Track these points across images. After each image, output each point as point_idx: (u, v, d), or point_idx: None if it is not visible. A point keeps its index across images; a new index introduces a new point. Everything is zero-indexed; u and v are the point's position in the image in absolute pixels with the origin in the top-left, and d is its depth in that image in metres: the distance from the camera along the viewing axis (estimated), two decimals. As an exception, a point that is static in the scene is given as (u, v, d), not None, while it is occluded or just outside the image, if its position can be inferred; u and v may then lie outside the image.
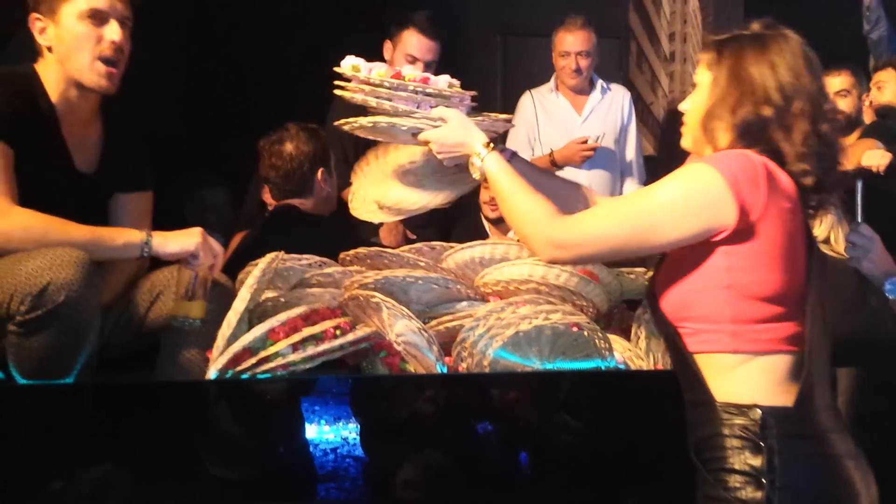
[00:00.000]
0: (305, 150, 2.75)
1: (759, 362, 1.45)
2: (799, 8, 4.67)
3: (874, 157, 3.26)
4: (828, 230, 2.33)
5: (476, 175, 1.64)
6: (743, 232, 1.43)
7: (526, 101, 3.91)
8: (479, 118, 1.76)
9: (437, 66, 3.31)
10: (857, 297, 2.16)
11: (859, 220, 2.02)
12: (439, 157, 1.73)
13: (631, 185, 3.94)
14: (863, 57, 4.50)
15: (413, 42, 3.30)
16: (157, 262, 2.06)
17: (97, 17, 1.94)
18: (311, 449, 1.84)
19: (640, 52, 5.31)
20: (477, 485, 1.88)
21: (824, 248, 2.31)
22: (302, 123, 2.85)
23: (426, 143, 1.72)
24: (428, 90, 1.73)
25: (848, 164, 3.37)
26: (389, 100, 1.73)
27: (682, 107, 1.66)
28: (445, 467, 1.90)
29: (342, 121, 1.83)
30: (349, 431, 1.87)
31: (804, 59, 1.53)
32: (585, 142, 3.67)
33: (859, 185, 2.02)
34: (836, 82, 3.72)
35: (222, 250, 1.99)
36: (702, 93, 1.57)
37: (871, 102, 3.91)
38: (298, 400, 1.89)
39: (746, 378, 1.45)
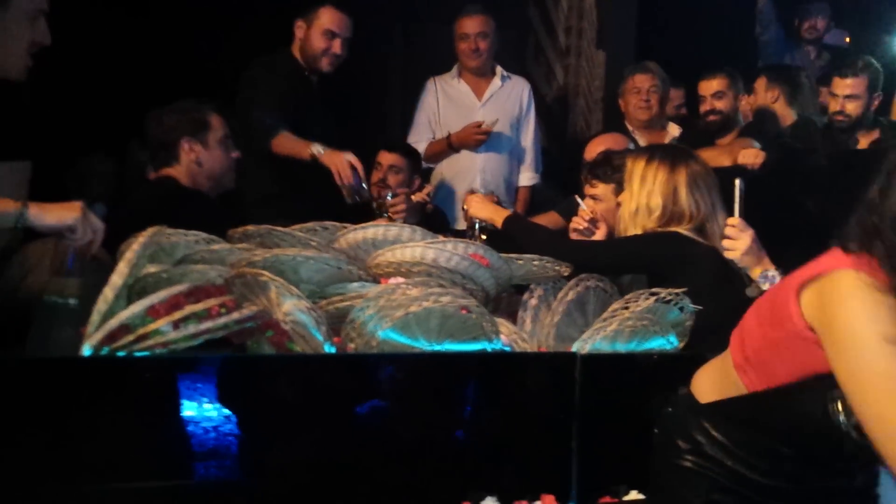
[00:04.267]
0: (175, 118, 2.77)
1: None
2: (694, 8, 4.88)
3: (749, 155, 3.43)
4: None
5: None
6: None
7: (429, 86, 4.00)
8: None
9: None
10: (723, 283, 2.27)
11: (736, 215, 2.12)
12: None
13: (526, 173, 4.05)
14: (755, 57, 4.71)
15: (331, 17, 3.37)
16: (31, 234, 1.96)
17: None
18: (191, 426, 1.79)
19: (538, 45, 5.39)
20: (361, 464, 1.88)
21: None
22: (198, 99, 2.85)
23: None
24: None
25: (725, 161, 3.55)
26: None
27: None
28: (331, 447, 1.89)
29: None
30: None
31: None
32: (480, 126, 3.74)
33: (739, 182, 2.13)
34: (713, 85, 3.90)
35: (102, 226, 1.90)
36: None
37: (750, 105, 4.11)
38: (177, 376, 1.83)
39: None
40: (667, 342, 1.99)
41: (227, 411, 1.80)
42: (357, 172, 2.96)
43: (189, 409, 1.80)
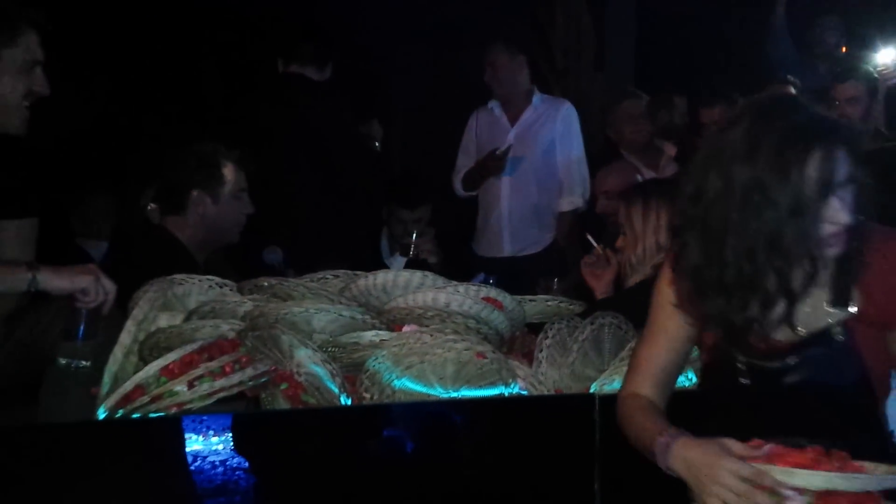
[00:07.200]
0: (189, 168, 2.64)
1: None
2: (693, 28, 4.88)
3: None
4: None
5: None
6: None
7: (472, 117, 4.10)
8: None
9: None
10: None
11: None
12: None
13: (567, 198, 4.00)
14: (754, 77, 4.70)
15: None
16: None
17: None
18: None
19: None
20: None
21: None
22: (218, 145, 2.71)
23: None
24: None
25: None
26: None
27: None
28: (349, 499, 1.87)
29: None
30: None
31: None
32: (495, 153, 3.80)
33: None
34: (715, 114, 3.88)
35: (114, 287, 1.89)
36: None
37: None
38: (193, 435, 1.81)
39: None
40: (685, 378, 1.97)
41: (247, 471, 1.78)
42: None
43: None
